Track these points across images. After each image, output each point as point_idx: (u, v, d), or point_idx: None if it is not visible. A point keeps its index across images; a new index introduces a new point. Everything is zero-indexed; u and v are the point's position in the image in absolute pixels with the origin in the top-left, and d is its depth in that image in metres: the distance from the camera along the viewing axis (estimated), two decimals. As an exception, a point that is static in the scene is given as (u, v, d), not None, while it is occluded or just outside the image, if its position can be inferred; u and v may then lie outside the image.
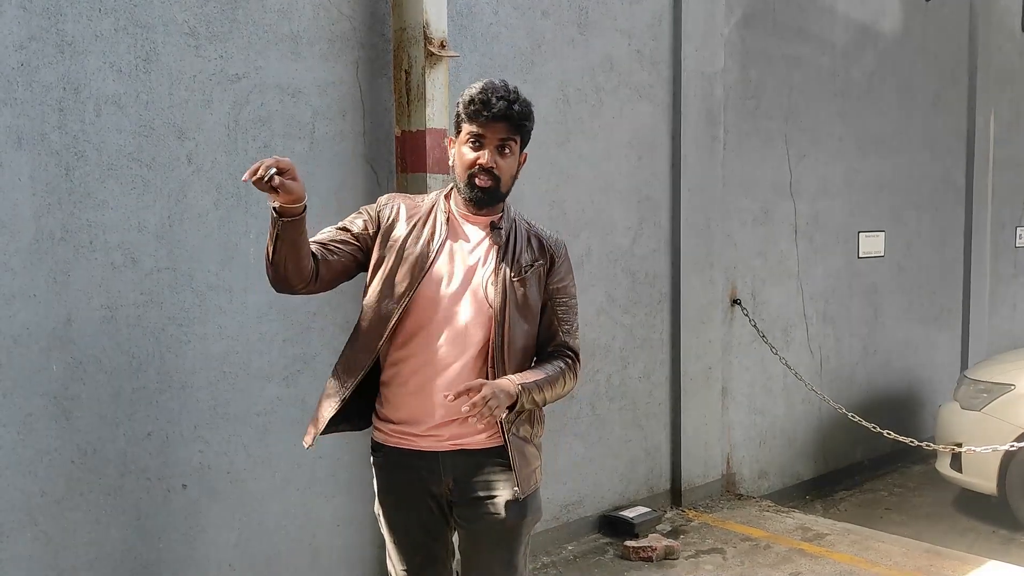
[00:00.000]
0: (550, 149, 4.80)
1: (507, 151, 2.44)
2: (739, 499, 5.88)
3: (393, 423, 2.53)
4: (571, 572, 4.65)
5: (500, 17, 4.52)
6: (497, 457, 2.50)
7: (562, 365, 2.52)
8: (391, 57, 4.06)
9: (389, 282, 2.46)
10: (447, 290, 2.45)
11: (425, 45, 3.90)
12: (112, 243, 3.33)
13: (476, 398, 2.25)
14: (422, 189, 3.91)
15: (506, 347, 2.45)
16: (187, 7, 3.47)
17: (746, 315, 6.04)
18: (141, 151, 3.38)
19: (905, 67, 7.54)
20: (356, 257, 2.51)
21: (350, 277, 2.56)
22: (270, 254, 2.33)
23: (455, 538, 2.63)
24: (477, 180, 2.43)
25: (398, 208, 2.54)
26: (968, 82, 8.33)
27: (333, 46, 3.90)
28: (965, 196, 8.44)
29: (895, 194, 7.54)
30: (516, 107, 2.40)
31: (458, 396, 2.28)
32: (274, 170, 2.15)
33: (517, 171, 2.53)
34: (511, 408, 2.37)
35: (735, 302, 6.03)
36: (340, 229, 2.54)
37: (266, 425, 3.78)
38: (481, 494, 2.50)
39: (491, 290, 2.44)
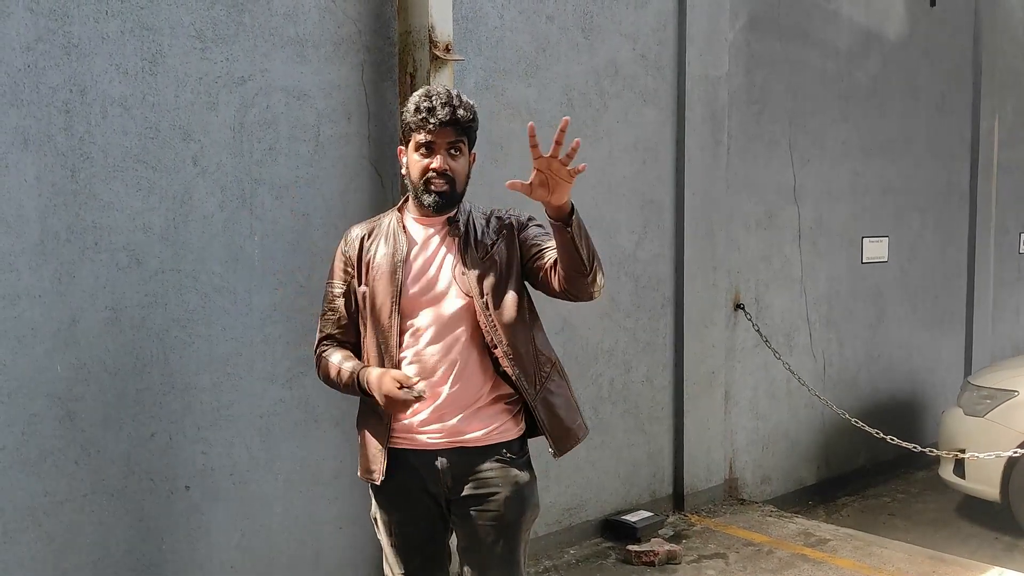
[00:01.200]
0: (554, 153, 4.79)
1: (457, 153, 2.50)
2: (742, 504, 5.87)
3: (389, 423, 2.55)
4: (573, 576, 4.66)
5: (505, 21, 4.53)
6: (495, 454, 2.52)
7: None
8: (396, 60, 4.06)
9: (374, 306, 2.53)
10: (425, 292, 2.51)
11: (430, 48, 3.90)
12: (117, 244, 3.34)
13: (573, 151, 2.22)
14: (426, 192, 3.92)
15: (498, 325, 2.49)
16: (193, 10, 3.48)
17: (749, 319, 6.04)
18: (147, 153, 3.39)
19: (910, 71, 7.54)
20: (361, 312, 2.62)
21: None
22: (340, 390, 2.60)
23: (453, 541, 2.64)
24: (433, 185, 2.48)
25: (358, 240, 2.62)
26: (973, 86, 8.33)
27: (338, 49, 3.91)
28: (969, 201, 8.44)
29: (899, 198, 7.54)
30: (461, 111, 2.45)
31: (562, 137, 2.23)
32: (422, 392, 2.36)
33: (469, 171, 2.57)
34: (568, 222, 2.31)
35: (738, 306, 6.03)
36: (335, 299, 2.63)
37: (269, 427, 3.79)
38: (479, 491, 2.51)
39: (463, 279, 2.50)
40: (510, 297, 2.52)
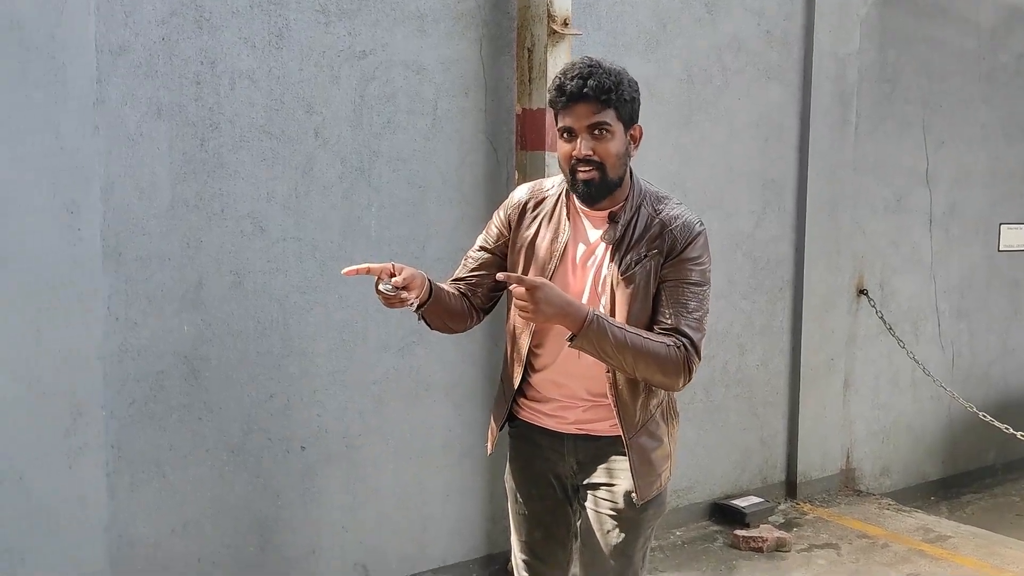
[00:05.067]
0: (672, 129, 4.73)
1: (603, 132, 2.22)
2: (858, 495, 5.70)
3: (526, 398, 2.54)
4: (679, 557, 4.61)
5: (626, -5, 4.48)
6: (622, 446, 2.43)
7: (666, 343, 2.26)
8: (514, 35, 4.07)
9: None
10: (569, 290, 2.36)
11: (548, 23, 3.90)
12: (242, 212, 3.47)
13: (522, 290, 2.12)
14: (540, 167, 3.93)
15: None
16: (318, -16, 3.58)
17: (873, 306, 5.83)
18: (271, 124, 3.51)
19: (1060, 50, 7.09)
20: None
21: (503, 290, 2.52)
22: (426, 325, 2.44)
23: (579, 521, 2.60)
24: (579, 174, 2.25)
25: (519, 208, 2.47)
26: None
27: (458, 24, 3.95)
28: (1122, 189, 7.90)
29: (1043, 185, 7.12)
30: (591, 82, 2.17)
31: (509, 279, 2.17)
32: (403, 293, 2.18)
33: (629, 149, 2.30)
34: (571, 339, 2.21)
35: (862, 292, 5.83)
36: (479, 249, 2.54)
37: (381, 394, 3.88)
38: (602, 480, 2.47)
39: (601, 292, 2.36)
40: (640, 321, 2.35)
